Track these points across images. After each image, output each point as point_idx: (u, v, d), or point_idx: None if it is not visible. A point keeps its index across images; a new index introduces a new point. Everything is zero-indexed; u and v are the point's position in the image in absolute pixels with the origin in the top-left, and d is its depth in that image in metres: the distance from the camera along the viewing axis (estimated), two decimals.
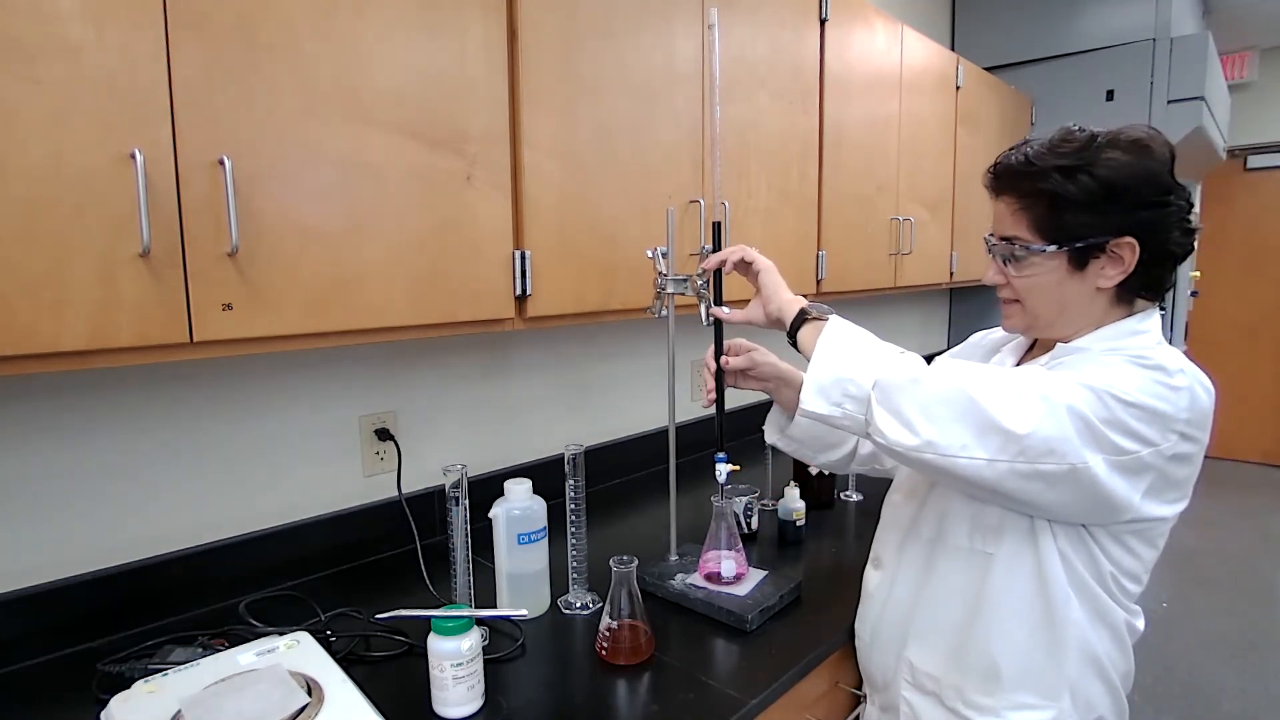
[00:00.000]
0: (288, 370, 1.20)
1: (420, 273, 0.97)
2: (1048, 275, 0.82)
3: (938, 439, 0.72)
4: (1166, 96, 2.72)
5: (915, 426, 0.73)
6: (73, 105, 0.69)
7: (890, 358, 0.78)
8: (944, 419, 0.72)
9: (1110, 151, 0.77)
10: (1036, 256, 0.81)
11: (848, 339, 0.81)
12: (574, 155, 1.14)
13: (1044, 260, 0.81)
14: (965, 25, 3.13)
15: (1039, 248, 0.81)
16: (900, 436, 0.73)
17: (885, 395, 0.75)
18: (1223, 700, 2.31)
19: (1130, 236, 0.77)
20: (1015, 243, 0.82)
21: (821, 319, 0.85)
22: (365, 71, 0.89)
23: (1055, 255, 0.80)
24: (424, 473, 1.37)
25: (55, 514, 0.99)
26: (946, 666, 0.89)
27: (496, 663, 0.95)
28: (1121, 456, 0.72)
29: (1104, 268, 0.80)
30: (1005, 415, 0.70)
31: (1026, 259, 0.82)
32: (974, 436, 0.71)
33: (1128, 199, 0.77)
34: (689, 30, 1.31)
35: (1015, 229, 0.82)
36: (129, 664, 0.88)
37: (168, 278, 0.76)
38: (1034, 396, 0.71)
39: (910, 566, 0.93)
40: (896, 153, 2.02)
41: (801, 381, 1.04)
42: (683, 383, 1.95)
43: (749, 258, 0.96)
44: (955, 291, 3.32)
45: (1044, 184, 0.79)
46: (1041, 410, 0.70)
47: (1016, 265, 0.83)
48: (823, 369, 0.79)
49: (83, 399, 1.00)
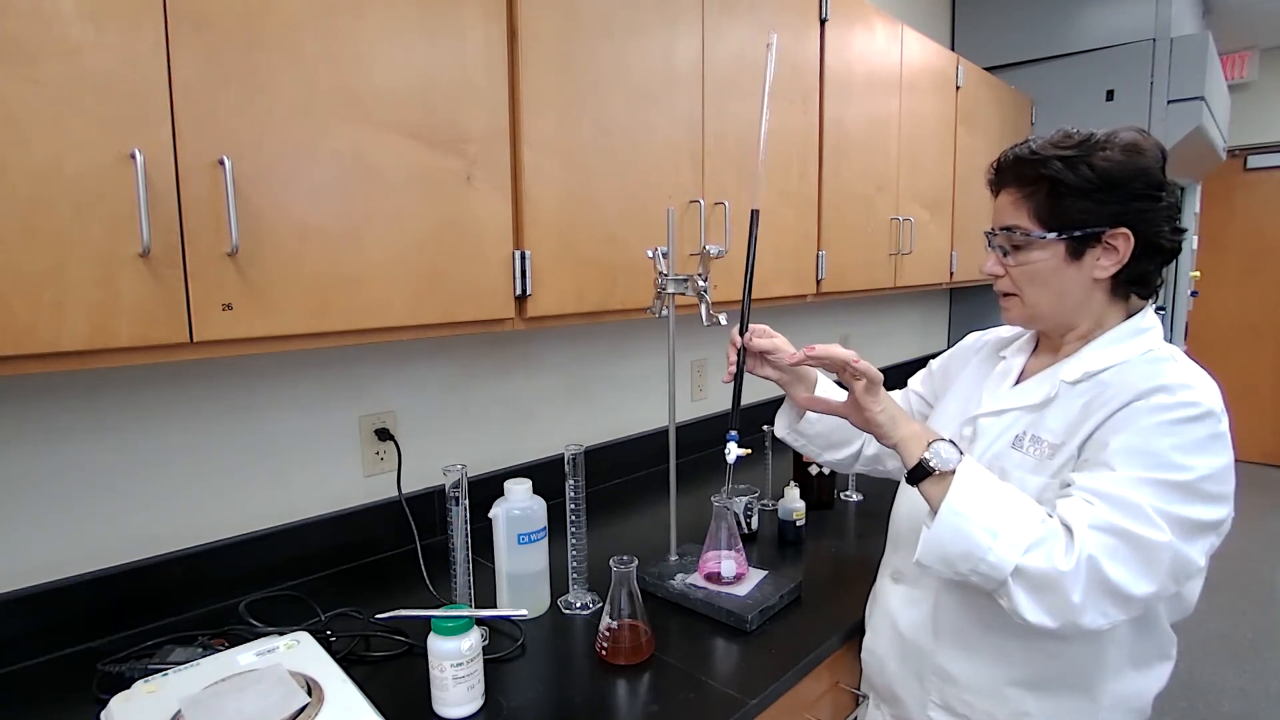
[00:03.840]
0: (288, 370, 1.20)
1: (420, 273, 0.97)
2: (1046, 264, 0.84)
3: (1077, 620, 0.73)
4: (1166, 96, 2.72)
5: (1055, 614, 0.73)
6: (73, 105, 0.69)
7: (1025, 530, 0.74)
8: (1084, 605, 0.72)
9: (1107, 148, 0.82)
10: (1036, 244, 0.84)
11: (980, 506, 0.76)
12: (574, 155, 1.14)
13: (1043, 248, 0.84)
14: (965, 25, 3.12)
15: (1039, 234, 0.83)
16: (1040, 620, 0.74)
17: (1026, 584, 0.74)
18: (1223, 700, 2.31)
19: (1124, 227, 0.81)
20: (1016, 231, 0.85)
21: (948, 472, 0.79)
22: (365, 71, 0.89)
23: (1053, 243, 0.83)
24: (424, 473, 1.37)
25: (55, 514, 0.99)
26: (980, 685, 0.88)
27: (496, 663, 0.95)
28: (1208, 534, 0.75)
29: (1099, 258, 0.83)
30: (1139, 586, 0.72)
31: (1026, 247, 0.85)
32: (1109, 608, 0.73)
33: (1123, 190, 0.81)
34: (689, 30, 1.31)
35: (1016, 218, 0.85)
36: (129, 664, 0.88)
37: (168, 278, 0.76)
38: (1163, 555, 0.72)
39: (938, 581, 0.90)
40: (896, 153, 2.02)
41: (815, 380, 1.00)
42: (683, 383, 1.95)
43: (862, 368, 0.85)
44: (955, 291, 3.32)
45: (1046, 170, 0.82)
46: (1166, 561, 0.72)
47: (1016, 254, 0.86)
48: (952, 540, 0.76)
49: (83, 399, 1.00)
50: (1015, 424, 0.88)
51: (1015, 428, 0.88)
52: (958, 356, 1.11)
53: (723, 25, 1.37)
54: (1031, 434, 0.86)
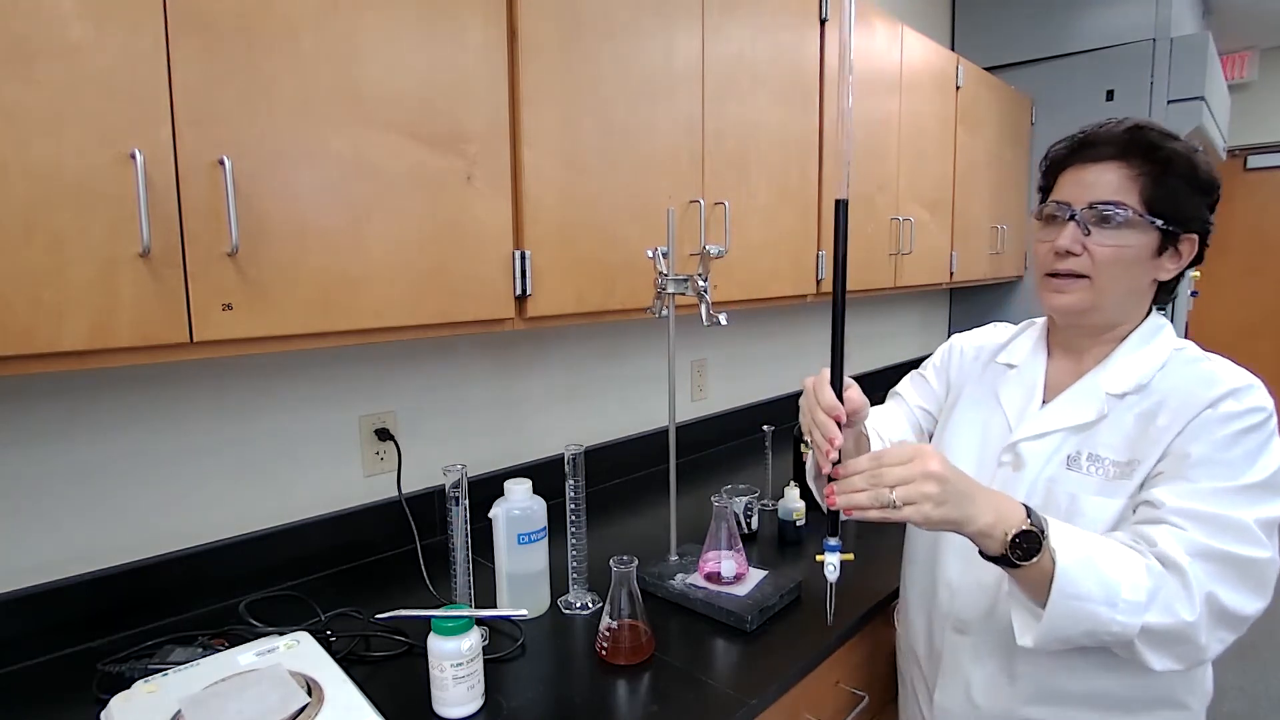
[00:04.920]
0: (288, 370, 1.20)
1: (420, 273, 0.97)
2: (1136, 250, 0.80)
3: (1203, 657, 0.72)
4: (1166, 96, 2.72)
5: (1184, 659, 0.72)
6: (73, 105, 0.69)
7: (1138, 586, 0.69)
8: (1208, 643, 0.71)
9: (1198, 151, 0.81)
10: (1137, 226, 0.79)
11: (1090, 580, 0.69)
12: (574, 155, 1.14)
13: (1142, 233, 0.79)
14: (965, 25, 3.12)
15: (1148, 218, 0.79)
16: (1169, 667, 0.72)
17: (1154, 641, 0.71)
18: (1223, 700, 2.31)
19: (1195, 234, 0.81)
20: (1120, 208, 0.79)
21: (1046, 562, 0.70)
22: (365, 71, 0.89)
23: (1151, 231, 0.79)
24: (424, 473, 1.37)
25: (55, 514, 0.99)
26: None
27: (496, 663, 0.95)
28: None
29: (1170, 259, 0.82)
30: (1252, 606, 0.72)
31: (1125, 226, 0.79)
32: (1227, 634, 0.72)
33: (1210, 196, 0.81)
34: (689, 30, 1.31)
35: (1122, 194, 0.79)
36: (129, 664, 0.88)
37: (168, 278, 0.76)
38: (1269, 571, 0.72)
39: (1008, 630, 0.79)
40: (896, 153, 2.02)
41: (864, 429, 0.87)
42: (683, 383, 1.95)
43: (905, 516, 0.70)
44: (955, 291, 3.32)
45: (1168, 154, 0.79)
46: (1272, 575, 0.72)
47: (1106, 233, 0.80)
48: (1070, 624, 0.71)
49: (82, 399, 1.00)
50: (1064, 444, 0.84)
51: (1065, 448, 0.84)
52: (959, 369, 1.03)
53: (723, 25, 1.37)
54: (1088, 452, 0.82)
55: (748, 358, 2.16)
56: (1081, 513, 0.80)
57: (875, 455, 0.70)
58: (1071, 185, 0.83)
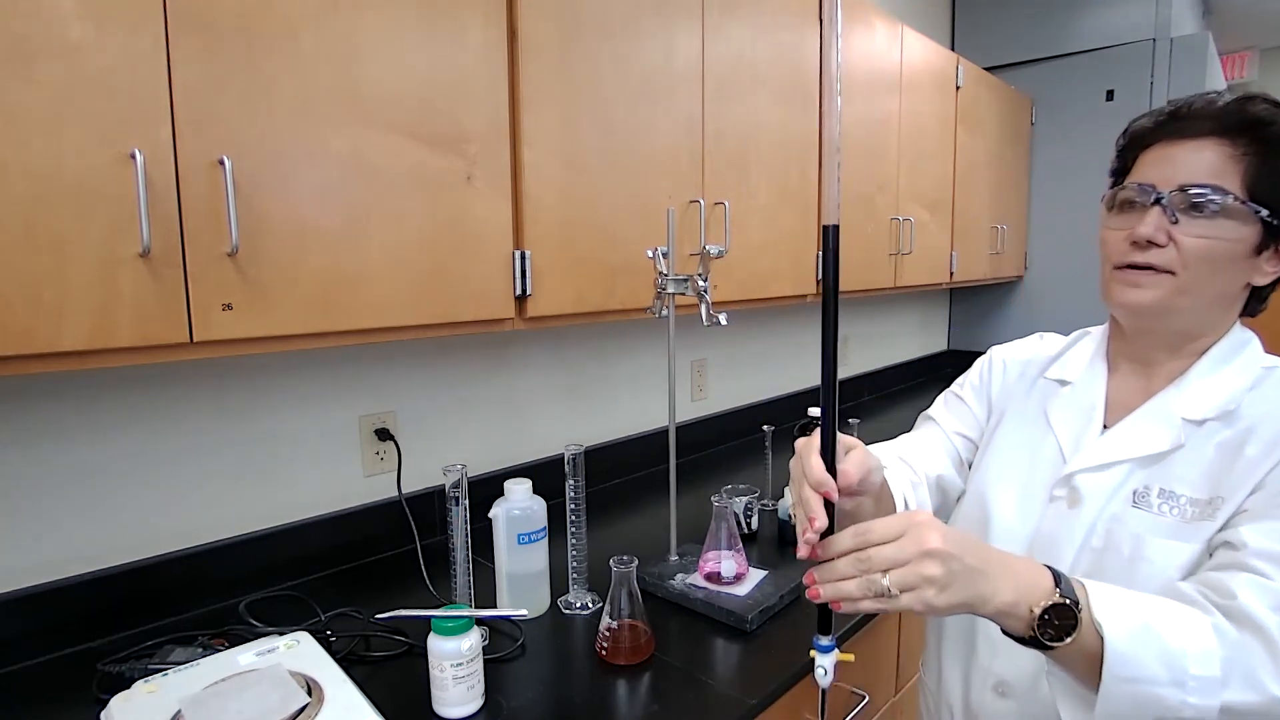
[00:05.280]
0: (288, 370, 1.20)
1: (420, 273, 0.97)
2: (1233, 245, 0.66)
3: None
4: (1166, 96, 2.72)
5: None
6: (73, 105, 0.69)
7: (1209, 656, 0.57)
8: None
9: None
10: (1237, 215, 0.66)
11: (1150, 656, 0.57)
12: (574, 155, 1.14)
13: (1242, 223, 0.66)
14: (965, 25, 3.12)
15: (1252, 206, 0.65)
16: None
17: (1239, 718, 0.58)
18: None
19: None
20: (1217, 194, 0.65)
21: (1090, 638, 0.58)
22: (365, 71, 0.89)
23: (1253, 223, 0.66)
24: (424, 473, 1.37)
25: (55, 514, 0.99)
26: None
27: (496, 663, 0.95)
28: None
29: (1269, 260, 0.68)
30: None
31: (1221, 215, 0.66)
32: None
33: None
34: (689, 30, 1.31)
35: (1220, 177, 0.66)
36: (129, 664, 0.88)
37: (168, 278, 0.76)
38: None
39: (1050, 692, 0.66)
40: (896, 153, 2.02)
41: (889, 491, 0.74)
42: (683, 383, 1.95)
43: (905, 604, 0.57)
44: (955, 291, 3.32)
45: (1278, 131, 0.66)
46: None
47: (1197, 223, 0.66)
48: (1131, 708, 0.58)
49: (82, 399, 1.00)
50: (1130, 477, 0.71)
51: (1131, 481, 0.71)
52: (1002, 388, 0.89)
53: (723, 25, 1.37)
54: (1160, 488, 0.69)
55: (748, 358, 2.16)
56: (1147, 558, 0.68)
57: (861, 531, 0.57)
58: (1157, 165, 0.70)
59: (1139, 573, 0.67)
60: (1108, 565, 0.69)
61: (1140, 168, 0.72)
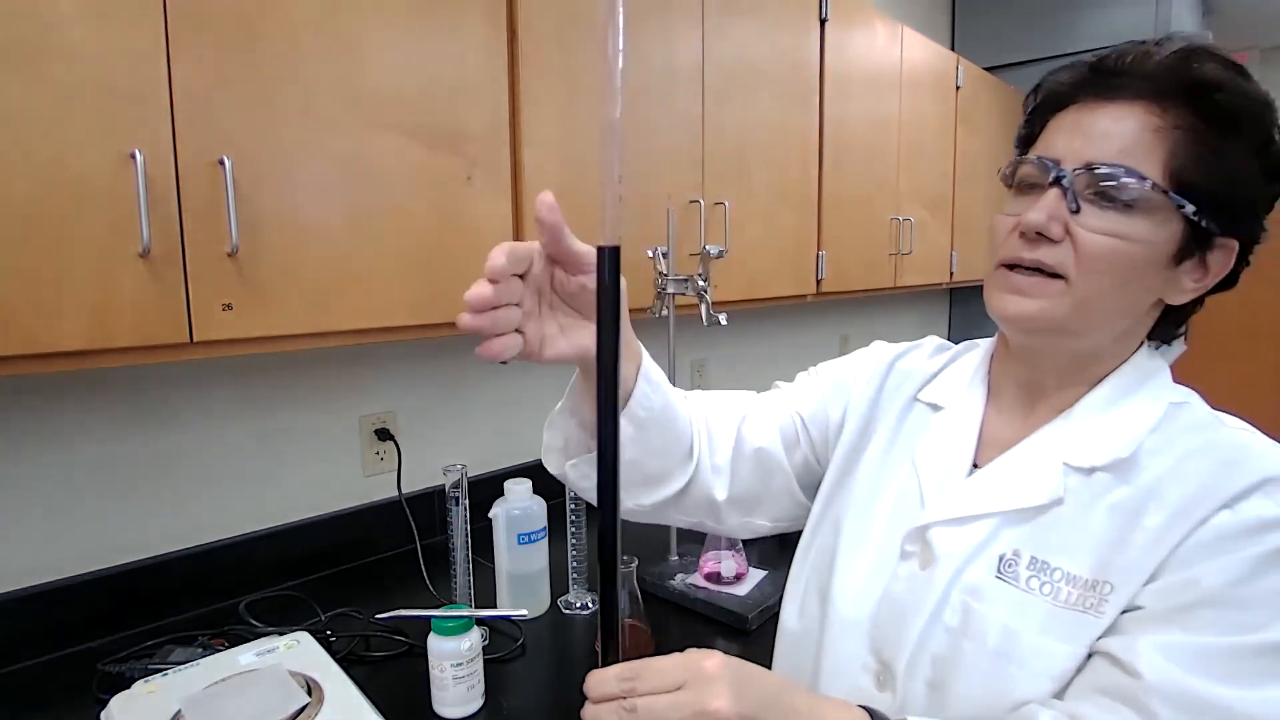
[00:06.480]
0: (288, 370, 1.20)
1: (420, 272, 0.97)
2: (1143, 248, 0.50)
3: None
4: None
5: None
6: (73, 105, 0.69)
7: None
8: None
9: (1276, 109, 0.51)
10: (1155, 209, 0.50)
11: None
12: (574, 155, 1.14)
13: (1155, 221, 0.50)
14: (965, 25, 3.12)
15: (1171, 195, 0.49)
16: None
17: None
18: None
19: (1237, 239, 0.53)
20: (1130, 175, 0.49)
21: None
22: (365, 71, 0.89)
23: (1173, 220, 0.50)
24: (424, 473, 1.37)
25: (55, 514, 0.99)
26: None
27: (496, 663, 0.95)
28: None
29: (1189, 273, 0.54)
30: None
31: (1134, 207, 0.50)
32: None
33: (1276, 192, 0.53)
34: (689, 30, 1.31)
35: (1136, 154, 0.50)
36: (129, 664, 0.88)
37: (168, 278, 0.76)
38: None
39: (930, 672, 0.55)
40: (896, 153, 2.02)
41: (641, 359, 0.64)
42: (683, 383, 1.94)
43: None
44: (955, 291, 3.32)
45: (1236, 109, 0.50)
46: None
47: (1106, 214, 0.50)
48: None
49: (82, 399, 1.00)
50: (995, 537, 0.55)
51: (996, 544, 0.54)
52: (872, 398, 0.69)
53: (723, 25, 1.37)
54: (1031, 555, 0.53)
55: (748, 358, 2.16)
56: (1017, 660, 0.50)
57: (630, 674, 0.46)
58: (1066, 133, 0.53)
59: (1006, 677, 0.51)
60: (968, 657, 0.53)
61: (1047, 136, 0.56)
